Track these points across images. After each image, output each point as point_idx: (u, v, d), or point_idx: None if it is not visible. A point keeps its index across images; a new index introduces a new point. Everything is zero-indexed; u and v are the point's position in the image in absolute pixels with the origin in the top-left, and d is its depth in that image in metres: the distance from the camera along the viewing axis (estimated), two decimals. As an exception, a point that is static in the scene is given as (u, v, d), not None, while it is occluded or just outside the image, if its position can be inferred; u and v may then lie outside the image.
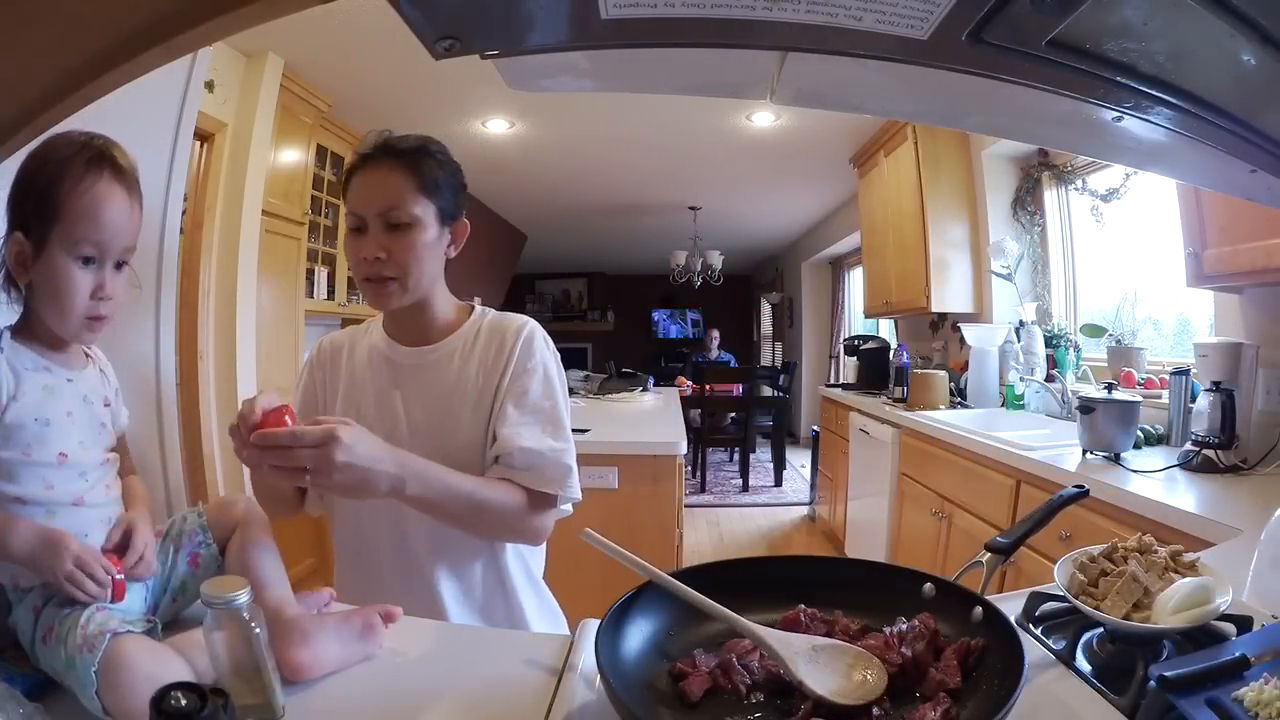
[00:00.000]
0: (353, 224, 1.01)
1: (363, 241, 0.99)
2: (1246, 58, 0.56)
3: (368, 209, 0.99)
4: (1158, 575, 0.76)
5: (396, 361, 1.08)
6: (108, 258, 0.77)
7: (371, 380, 1.08)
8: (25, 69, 0.46)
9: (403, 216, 0.99)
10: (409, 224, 0.99)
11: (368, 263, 0.99)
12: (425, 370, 1.07)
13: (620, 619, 0.70)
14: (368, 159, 1.01)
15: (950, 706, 0.59)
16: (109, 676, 0.62)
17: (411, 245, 0.99)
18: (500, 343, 1.06)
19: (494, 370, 1.05)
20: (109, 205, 0.76)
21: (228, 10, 0.44)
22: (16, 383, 0.73)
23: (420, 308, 1.07)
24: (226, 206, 2.89)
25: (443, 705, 0.71)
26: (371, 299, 1.03)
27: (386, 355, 1.09)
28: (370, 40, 2.76)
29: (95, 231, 0.75)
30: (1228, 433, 1.73)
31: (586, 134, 4.13)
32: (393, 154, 1.00)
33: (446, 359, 1.07)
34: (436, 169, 1.02)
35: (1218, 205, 1.68)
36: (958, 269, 3.42)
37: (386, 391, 1.07)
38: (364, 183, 1.01)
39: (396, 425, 1.04)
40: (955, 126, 2.56)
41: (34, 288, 0.76)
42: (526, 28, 0.57)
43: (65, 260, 0.74)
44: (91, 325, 0.78)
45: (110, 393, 0.85)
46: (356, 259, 1.01)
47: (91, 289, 0.76)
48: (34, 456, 0.73)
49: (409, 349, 1.08)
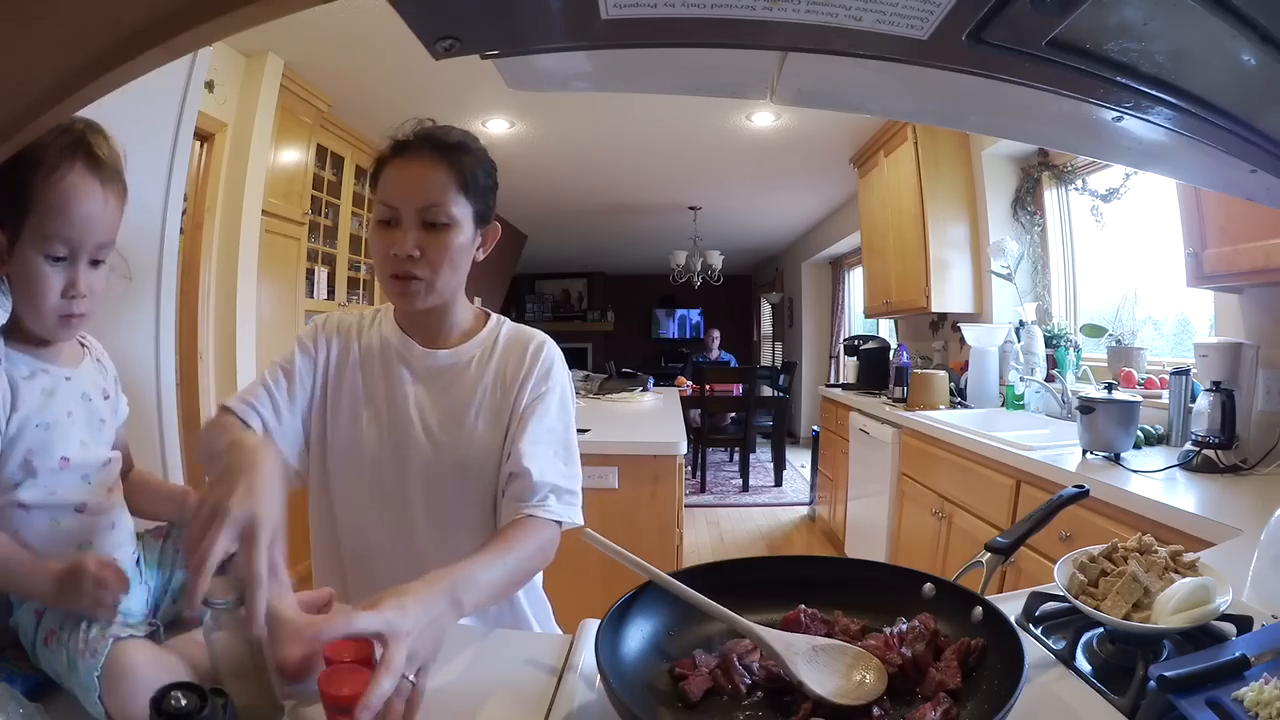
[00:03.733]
0: (385, 216, 0.95)
1: (395, 236, 0.94)
2: (1247, 58, 0.56)
3: (405, 203, 0.94)
4: (1158, 575, 0.76)
5: (412, 361, 1.04)
6: (80, 255, 0.72)
7: (383, 376, 1.04)
8: (25, 69, 0.46)
9: (441, 216, 0.94)
10: (446, 224, 0.95)
11: (398, 259, 0.94)
12: (443, 374, 1.04)
13: (620, 619, 0.70)
14: (406, 148, 0.96)
15: (950, 706, 0.59)
16: (112, 681, 0.62)
17: (447, 246, 0.95)
18: (520, 356, 1.04)
19: (512, 384, 1.02)
20: (82, 199, 0.71)
21: (228, 10, 0.44)
22: (13, 395, 0.71)
23: (443, 310, 1.03)
24: (226, 206, 2.89)
25: (443, 705, 0.71)
26: (396, 297, 0.99)
27: (400, 352, 1.05)
28: (370, 40, 2.76)
29: (66, 228, 0.70)
30: (1228, 433, 1.73)
31: (586, 134, 4.13)
32: (435, 147, 0.95)
33: (464, 365, 1.04)
34: (477, 168, 0.98)
35: (1218, 205, 1.68)
36: (958, 269, 3.42)
37: (400, 391, 1.03)
38: (402, 174, 0.95)
39: (410, 428, 1.01)
40: (955, 126, 2.55)
41: (12, 282, 0.72)
42: (526, 28, 0.57)
43: (35, 257, 0.70)
44: (66, 323, 0.74)
45: (109, 383, 0.84)
46: (385, 253, 0.95)
47: (63, 287, 0.72)
48: (36, 463, 0.72)
49: (426, 350, 1.04)
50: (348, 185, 3.95)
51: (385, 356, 1.05)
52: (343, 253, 3.98)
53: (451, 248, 0.96)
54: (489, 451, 1.00)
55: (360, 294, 4.26)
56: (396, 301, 1.00)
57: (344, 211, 3.96)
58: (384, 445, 1.01)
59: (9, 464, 0.70)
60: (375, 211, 0.97)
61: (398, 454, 1.01)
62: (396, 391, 1.03)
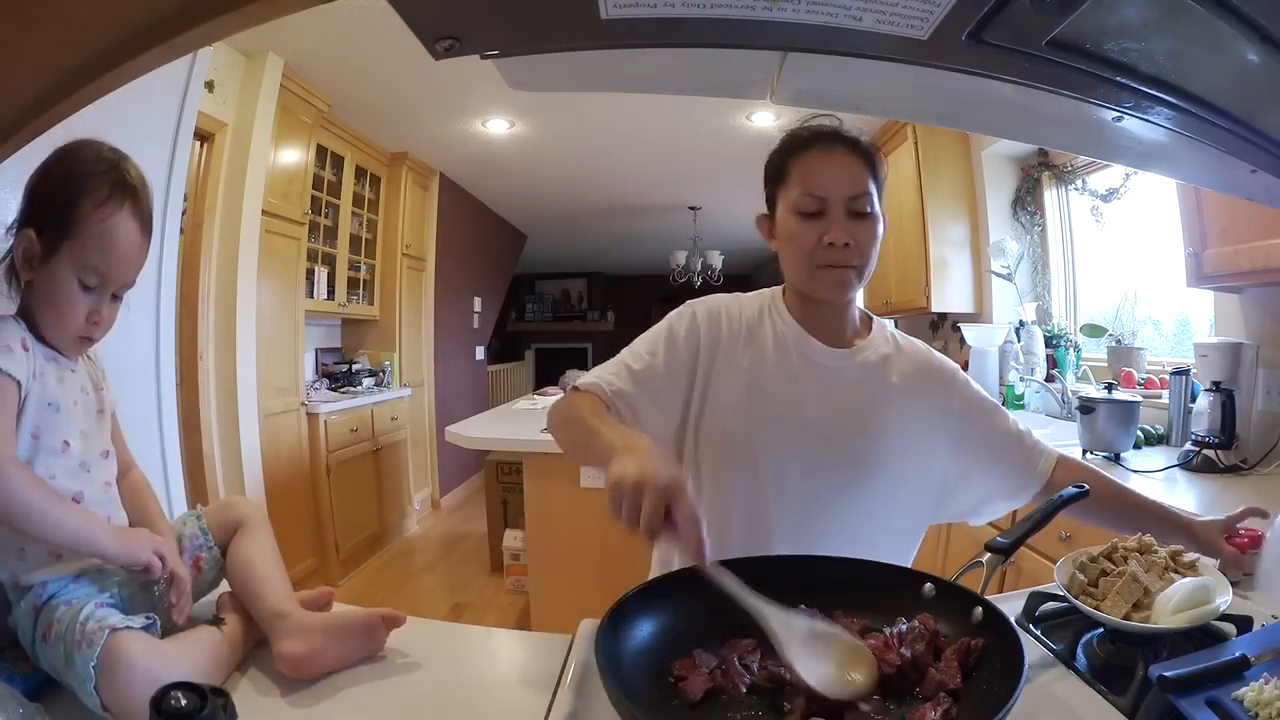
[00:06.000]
0: (812, 207, 0.94)
1: (824, 225, 0.94)
2: (1246, 58, 0.56)
3: (832, 192, 0.94)
4: (1158, 575, 0.76)
5: (812, 359, 1.00)
6: (108, 287, 0.78)
7: (782, 371, 1.00)
8: (26, 70, 0.46)
9: (867, 205, 0.95)
10: (871, 214, 0.96)
11: (834, 248, 0.93)
12: (856, 374, 1.01)
13: (620, 619, 0.70)
14: (817, 141, 0.96)
15: (950, 707, 0.59)
16: (107, 672, 0.62)
17: (874, 236, 0.96)
18: (927, 368, 1.04)
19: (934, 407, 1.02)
20: (123, 239, 0.77)
21: (228, 10, 0.44)
22: (36, 360, 0.74)
23: (848, 305, 1.03)
24: (226, 206, 2.89)
25: (443, 705, 0.71)
26: (827, 287, 0.97)
27: (805, 348, 1.01)
28: (370, 40, 2.76)
29: (104, 262, 0.76)
30: (1228, 433, 1.73)
31: (586, 134, 4.13)
32: (847, 143, 0.96)
33: (861, 369, 1.01)
34: (881, 166, 0.99)
35: (1218, 205, 1.67)
36: (958, 269, 3.42)
37: (810, 391, 0.99)
38: (824, 164, 0.95)
39: (805, 426, 0.97)
40: (955, 126, 2.56)
41: (34, 288, 0.77)
42: (526, 28, 0.57)
43: (70, 279, 0.75)
44: (81, 344, 0.80)
45: (99, 374, 0.87)
46: (813, 244, 0.94)
47: (88, 312, 0.77)
48: (43, 440, 0.74)
49: (830, 348, 1.01)
50: (348, 185, 3.94)
51: (782, 351, 1.01)
52: (343, 253, 3.98)
53: (877, 237, 0.97)
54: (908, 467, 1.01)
55: (360, 294, 4.26)
56: (828, 292, 0.98)
57: (344, 211, 3.96)
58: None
59: (21, 435, 0.73)
60: (798, 204, 0.96)
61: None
62: (791, 388, 0.99)
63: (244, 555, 0.83)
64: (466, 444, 2.68)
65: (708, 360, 1.01)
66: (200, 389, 2.80)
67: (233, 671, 0.75)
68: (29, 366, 0.73)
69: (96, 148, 0.77)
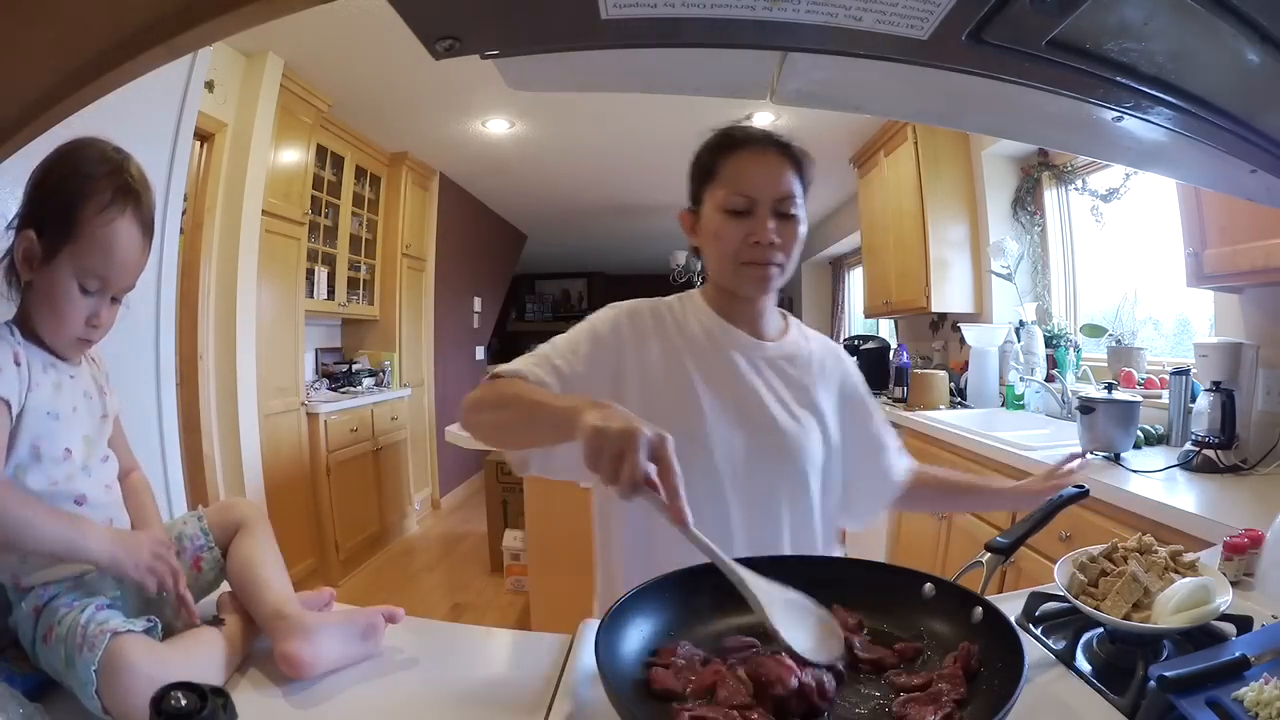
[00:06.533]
0: (741, 206, 0.98)
1: (751, 224, 0.97)
2: (1247, 58, 0.56)
3: (762, 192, 0.97)
4: (1158, 575, 0.76)
5: (740, 348, 1.04)
6: (109, 291, 0.78)
7: (719, 364, 1.03)
8: (26, 70, 0.46)
9: (793, 207, 0.99)
10: (796, 216, 0.99)
11: (760, 246, 0.97)
12: (783, 364, 1.06)
13: (620, 619, 0.70)
14: (749, 143, 1.00)
15: (952, 711, 0.59)
16: (109, 675, 0.62)
17: (797, 236, 1.00)
18: (836, 360, 1.12)
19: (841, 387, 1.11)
20: (125, 244, 0.76)
21: (228, 10, 0.44)
22: (29, 373, 0.74)
23: (767, 301, 1.07)
24: (226, 206, 2.89)
25: (443, 705, 0.71)
26: (750, 283, 1.01)
27: (732, 339, 1.04)
28: (370, 40, 2.76)
29: (105, 267, 0.76)
30: (1228, 433, 1.72)
31: (586, 134, 4.13)
32: (778, 146, 1.00)
33: (795, 357, 1.07)
34: (809, 170, 1.02)
35: (1218, 205, 1.67)
36: (958, 269, 3.42)
37: (745, 380, 1.02)
38: (755, 166, 0.98)
39: (769, 422, 1.01)
40: (955, 126, 2.55)
41: (33, 289, 0.76)
42: (526, 28, 0.57)
43: (69, 282, 0.75)
44: (79, 346, 0.80)
45: (102, 378, 0.86)
46: (740, 241, 0.98)
47: (87, 315, 0.77)
48: (42, 450, 0.74)
49: (755, 340, 1.05)
50: (348, 185, 3.95)
51: (714, 342, 1.04)
52: (343, 253, 3.98)
53: (800, 238, 1.01)
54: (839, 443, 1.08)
55: (360, 294, 4.27)
56: (750, 288, 1.02)
57: (344, 211, 3.96)
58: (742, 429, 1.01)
59: (19, 447, 0.72)
60: (726, 202, 0.99)
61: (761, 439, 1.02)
62: (743, 380, 1.02)
63: (244, 556, 0.83)
64: (467, 444, 2.68)
65: (635, 353, 1.02)
66: (200, 389, 2.80)
67: (233, 672, 0.75)
68: (21, 383, 0.72)
69: (100, 147, 0.76)
